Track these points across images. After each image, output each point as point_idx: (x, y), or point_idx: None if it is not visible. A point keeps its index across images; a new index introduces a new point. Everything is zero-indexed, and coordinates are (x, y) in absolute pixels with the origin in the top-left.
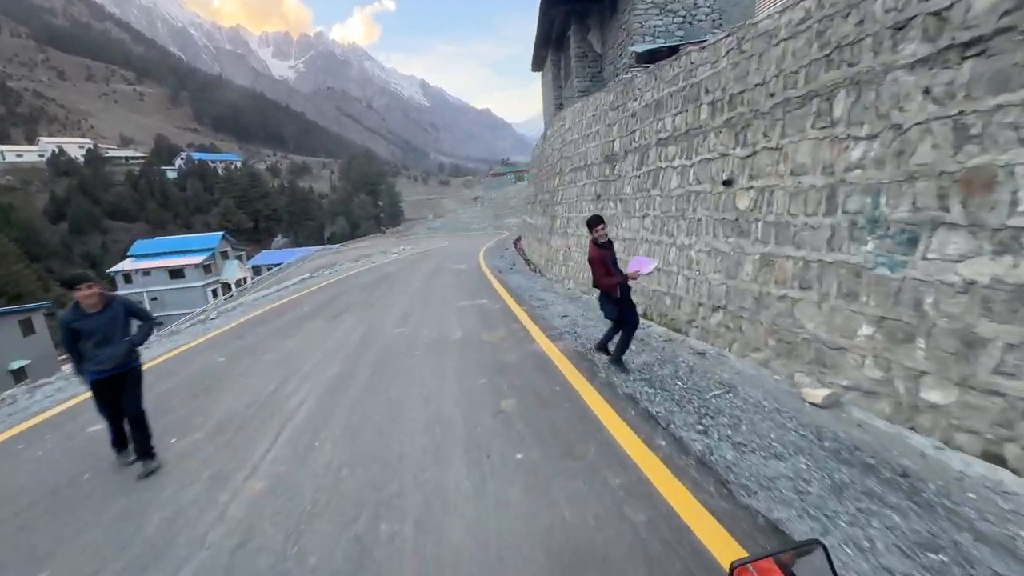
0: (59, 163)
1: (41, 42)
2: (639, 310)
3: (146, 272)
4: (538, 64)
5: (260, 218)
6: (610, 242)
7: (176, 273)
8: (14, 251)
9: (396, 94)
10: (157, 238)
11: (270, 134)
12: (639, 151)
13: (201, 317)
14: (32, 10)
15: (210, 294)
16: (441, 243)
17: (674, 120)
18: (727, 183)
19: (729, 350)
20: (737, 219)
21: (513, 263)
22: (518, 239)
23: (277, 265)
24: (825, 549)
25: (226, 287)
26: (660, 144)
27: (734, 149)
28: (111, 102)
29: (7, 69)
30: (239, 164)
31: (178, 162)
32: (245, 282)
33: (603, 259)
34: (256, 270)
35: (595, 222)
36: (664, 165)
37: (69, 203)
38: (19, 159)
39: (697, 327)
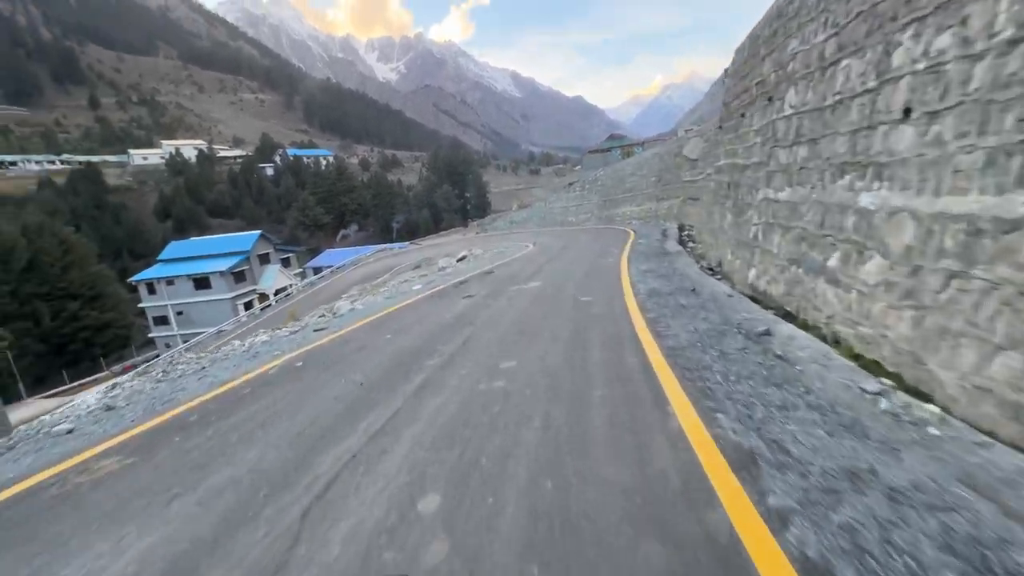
0: (175, 164)
1: (186, 61)
2: None
3: (170, 282)
4: None
5: (346, 212)
6: None
7: (201, 282)
8: (93, 252)
9: (489, 88)
10: (192, 239)
11: (370, 132)
12: None
13: None
14: (182, 35)
15: (241, 308)
16: (521, 247)
17: None
18: None
19: None
20: None
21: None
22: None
23: (327, 268)
24: None
25: (263, 297)
26: None
27: None
28: (238, 110)
29: (158, 86)
30: (331, 159)
31: (276, 159)
32: (289, 289)
33: None
34: (317, 271)
35: None
36: None
37: (175, 202)
38: (144, 161)
39: None
